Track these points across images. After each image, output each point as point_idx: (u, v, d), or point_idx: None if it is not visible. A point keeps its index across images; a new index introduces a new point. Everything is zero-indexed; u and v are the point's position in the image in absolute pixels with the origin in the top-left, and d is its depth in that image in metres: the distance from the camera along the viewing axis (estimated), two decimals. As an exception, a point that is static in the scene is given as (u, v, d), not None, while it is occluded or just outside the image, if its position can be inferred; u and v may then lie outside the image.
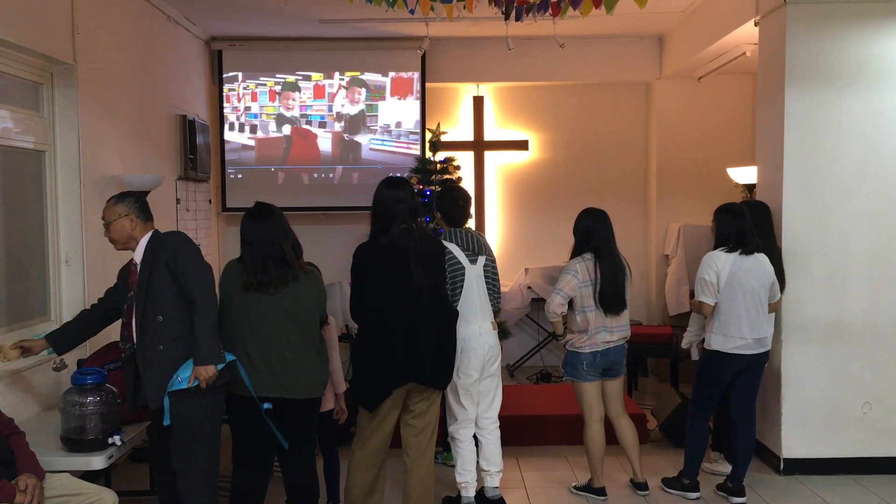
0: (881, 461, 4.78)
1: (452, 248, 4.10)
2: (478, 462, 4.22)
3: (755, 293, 4.24)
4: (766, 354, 4.37)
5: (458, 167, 7.04)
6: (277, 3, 5.84)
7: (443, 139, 7.07)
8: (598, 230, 4.30)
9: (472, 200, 4.65)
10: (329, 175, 7.44)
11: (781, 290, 4.62)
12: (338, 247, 6.53)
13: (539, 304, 6.96)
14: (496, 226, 7.89)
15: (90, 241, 4.50)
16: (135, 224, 3.42)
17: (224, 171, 7.37)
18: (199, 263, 3.36)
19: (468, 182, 7.43)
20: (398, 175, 5.65)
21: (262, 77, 7.35)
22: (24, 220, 4.24)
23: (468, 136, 7.71)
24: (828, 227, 4.76)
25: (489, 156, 7.76)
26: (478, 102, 7.71)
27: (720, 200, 4.67)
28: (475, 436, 4.21)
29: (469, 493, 4.15)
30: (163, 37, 6.03)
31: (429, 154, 7.06)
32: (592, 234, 4.30)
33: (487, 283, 4.20)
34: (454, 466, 4.20)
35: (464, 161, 7.38)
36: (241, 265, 3.52)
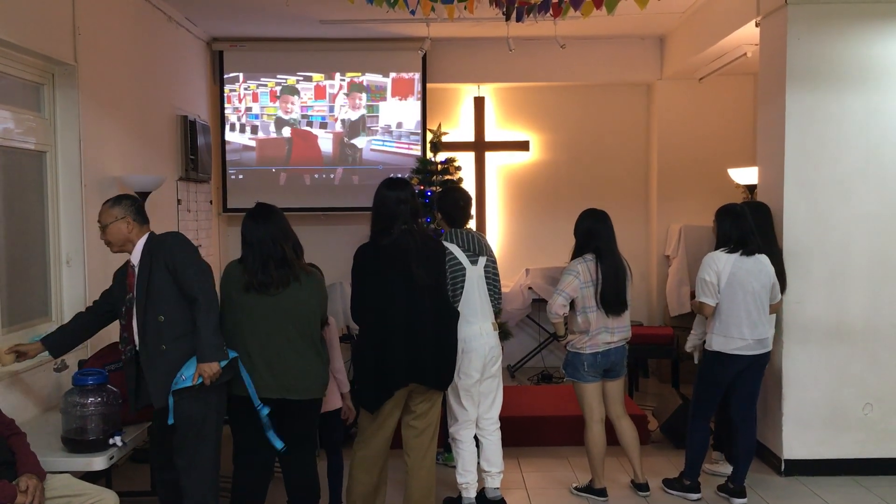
0: (882, 462, 4.77)
1: (453, 249, 4.10)
2: (479, 463, 4.22)
3: (756, 294, 4.24)
4: (767, 355, 4.37)
5: (459, 168, 7.04)
6: (278, 4, 5.84)
7: (444, 140, 7.07)
8: (599, 231, 4.30)
9: (473, 201, 4.65)
10: (330, 176, 7.44)
11: (782, 291, 4.62)
12: (338, 247, 6.52)
13: (540, 305, 6.97)
14: (497, 226, 7.89)
15: (91, 242, 4.49)
16: (131, 227, 3.43)
17: (225, 172, 7.37)
18: (198, 262, 3.38)
19: (469, 183, 7.43)
20: (399, 176, 5.65)
21: (263, 78, 7.35)
22: (25, 221, 4.24)
23: (469, 137, 7.71)
24: (829, 228, 4.76)
25: (490, 156, 7.76)
26: (479, 103, 7.71)
27: (721, 201, 4.67)
28: (476, 436, 4.21)
29: (470, 494, 4.15)
30: (164, 37, 6.03)
31: (430, 155, 7.06)
32: (593, 235, 4.30)
33: (488, 284, 4.19)
34: (455, 467, 4.20)
35: (465, 162, 7.38)
36: (242, 266, 3.53)
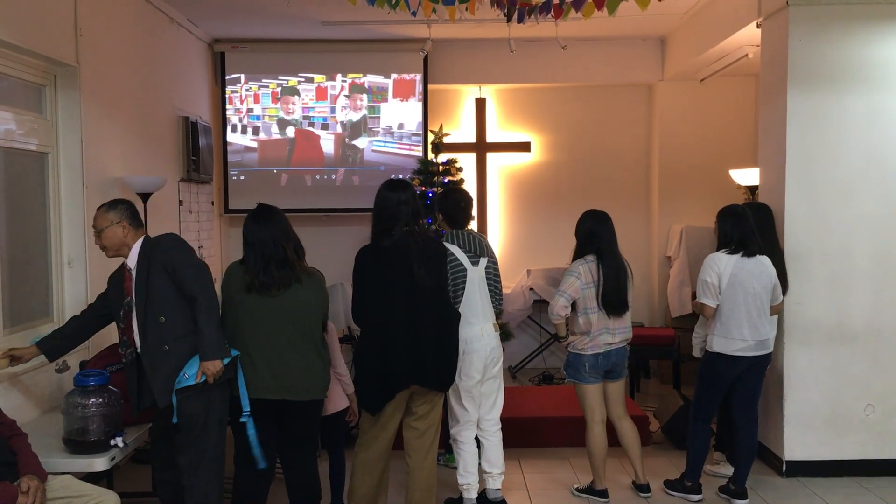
0: (884, 463, 4.77)
1: (454, 250, 4.09)
2: (480, 464, 4.22)
3: (757, 295, 4.24)
4: (768, 356, 4.36)
5: (461, 169, 7.05)
6: (280, 5, 5.84)
7: (445, 141, 7.08)
8: (600, 232, 4.30)
9: (474, 202, 4.65)
10: (331, 177, 7.45)
11: (784, 293, 4.62)
12: (340, 248, 6.54)
13: (541, 306, 6.97)
14: (498, 227, 7.89)
15: (92, 244, 4.44)
16: (127, 231, 3.46)
17: (226, 173, 7.38)
18: (196, 262, 3.42)
19: (470, 184, 7.43)
20: (400, 177, 5.66)
21: (265, 79, 7.36)
22: (27, 222, 4.25)
23: (470, 138, 7.71)
24: (830, 229, 4.76)
25: (491, 157, 7.76)
26: (480, 104, 7.72)
27: (722, 202, 4.67)
28: (477, 438, 4.21)
29: (471, 495, 4.15)
30: (165, 39, 6.04)
31: (431, 156, 7.07)
32: (594, 236, 4.30)
33: (489, 285, 4.19)
34: (456, 468, 4.20)
35: (466, 163, 7.40)
36: (244, 267, 3.53)
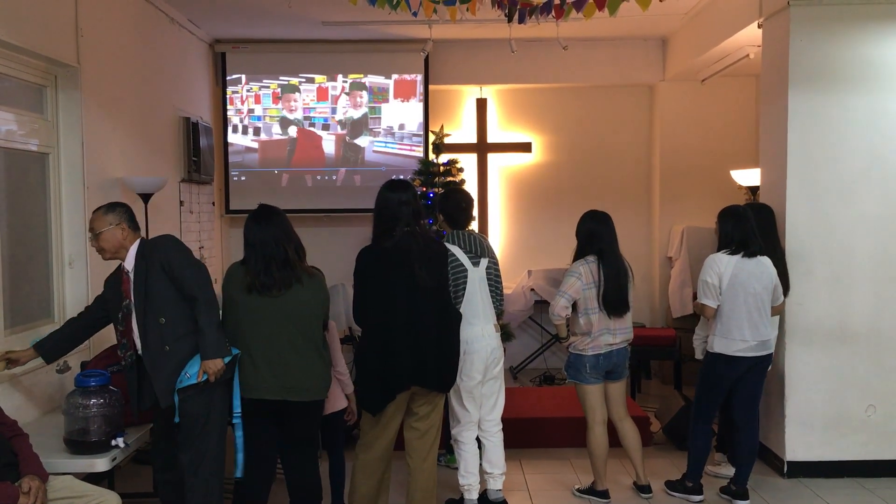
0: (885, 464, 4.76)
1: (455, 251, 4.09)
2: (481, 464, 4.22)
3: (757, 296, 4.23)
4: (769, 357, 4.36)
5: (462, 169, 7.05)
6: (280, 6, 5.85)
7: (446, 141, 7.08)
8: (601, 232, 4.30)
9: (475, 203, 4.65)
10: (332, 177, 7.45)
11: (786, 294, 4.62)
12: (341, 249, 6.54)
13: (542, 307, 6.96)
14: (499, 228, 7.89)
15: (93, 244, 4.50)
16: (126, 233, 3.47)
17: (227, 174, 7.38)
18: (194, 262, 3.44)
19: (471, 184, 7.42)
20: (401, 177, 5.65)
21: (266, 79, 7.36)
22: (28, 223, 4.25)
23: (471, 139, 7.71)
24: (831, 229, 4.75)
25: (492, 158, 7.76)
26: (481, 104, 7.72)
27: (723, 202, 4.67)
28: (478, 438, 4.21)
29: (472, 496, 4.14)
30: (166, 39, 6.04)
31: (432, 156, 7.06)
32: (595, 237, 4.30)
33: (490, 286, 4.19)
34: (457, 469, 4.19)
35: (467, 163, 7.40)
36: (245, 267, 3.53)
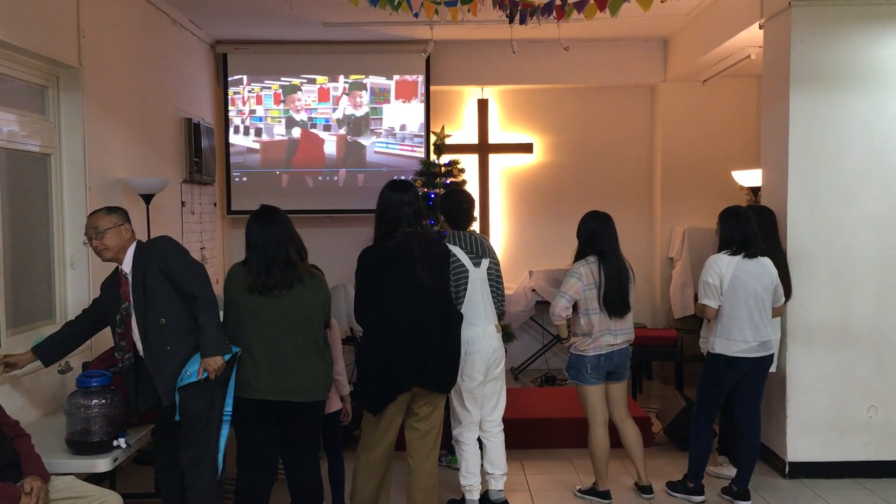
0: (887, 465, 4.76)
1: (456, 251, 4.09)
2: (482, 465, 4.22)
3: (758, 296, 4.23)
4: (770, 358, 4.36)
5: (463, 170, 7.05)
6: (282, 7, 5.85)
7: (447, 142, 7.08)
8: (602, 233, 4.30)
9: (477, 203, 4.65)
10: (334, 178, 7.45)
11: (788, 296, 4.62)
12: (342, 249, 6.53)
13: (543, 307, 6.96)
14: (501, 228, 7.89)
15: (95, 245, 4.51)
16: (129, 234, 3.50)
17: (229, 174, 7.38)
18: (192, 262, 3.47)
19: (473, 185, 7.42)
20: (402, 178, 5.66)
21: (267, 80, 7.37)
22: (30, 223, 4.25)
23: (472, 139, 7.71)
24: (833, 230, 4.75)
25: (494, 159, 7.76)
26: (482, 105, 7.72)
27: (725, 203, 4.66)
28: (479, 439, 4.21)
29: (473, 497, 4.15)
30: (168, 40, 6.05)
31: (433, 157, 7.07)
32: (596, 237, 4.30)
33: (491, 286, 4.19)
34: (458, 469, 4.20)
35: (468, 164, 7.40)
36: (246, 268, 3.53)
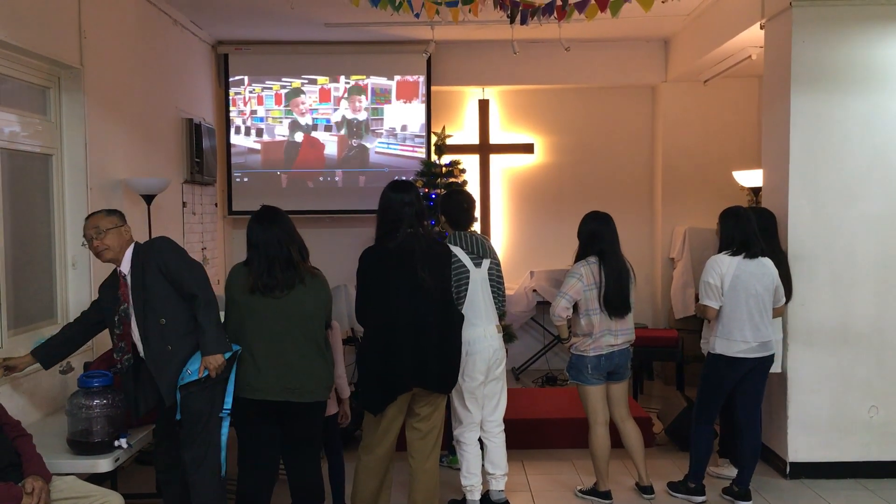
0: (888, 465, 4.76)
1: (457, 252, 4.09)
2: (483, 465, 4.22)
3: (759, 297, 4.23)
4: (771, 358, 4.36)
5: (464, 170, 7.05)
6: (283, 7, 5.86)
7: (448, 142, 7.08)
8: (603, 233, 4.30)
9: (477, 204, 4.65)
10: (335, 178, 7.45)
11: (789, 297, 4.62)
12: (343, 250, 6.53)
13: (544, 308, 6.97)
14: (502, 229, 7.89)
15: (96, 245, 4.51)
16: (128, 235, 3.52)
17: (230, 175, 7.38)
18: (190, 262, 3.49)
19: (474, 185, 7.43)
20: (404, 178, 5.66)
21: (269, 81, 7.37)
22: (31, 224, 4.26)
23: (474, 140, 7.71)
24: (834, 230, 4.75)
25: (495, 159, 7.76)
26: (483, 106, 7.72)
27: (726, 204, 4.66)
28: (480, 439, 4.21)
29: (474, 497, 4.15)
30: (169, 41, 6.05)
31: (434, 157, 7.07)
32: (596, 238, 4.30)
33: (492, 287, 4.20)
34: (459, 470, 4.20)
35: (469, 164, 7.40)
36: (247, 268, 3.53)
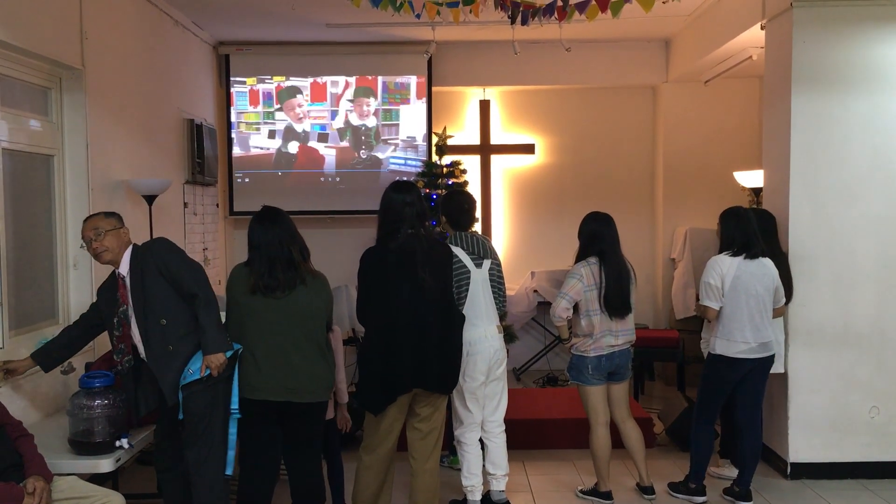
0: (889, 466, 4.76)
1: (458, 252, 4.09)
2: (484, 466, 4.22)
3: (759, 297, 4.23)
4: (771, 358, 4.36)
5: (465, 171, 7.05)
6: (284, 8, 5.86)
7: (449, 143, 7.08)
8: (603, 234, 4.30)
9: (478, 204, 4.65)
10: (336, 179, 7.45)
11: (790, 298, 4.62)
12: (344, 250, 6.53)
13: (545, 308, 6.96)
14: (503, 229, 7.89)
15: (98, 245, 4.51)
16: (126, 237, 3.52)
17: (231, 175, 7.39)
18: (190, 262, 3.50)
19: (475, 186, 7.43)
20: (405, 179, 5.66)
21: (270, 81, 7.36)
22: (33, 224, 4.26)
23: (474, 140, 7.71)
24: (834, 231, 4.75)
25: (496, 159, 7.76)
26: (484, 106, 7.72)
27: (727, 204, 4.66)
28: (481, 439, 4.22)
29: (475, 497, 4.15)
30: (171, 41, 6.06)
31: (435, 158, 7.07)
32: (597, 238, 4.30)
33: (493, 287, 4.20)
34: (460, 470, 4.20)
35: (470, 165, 7.40)
36: (248, 269, 3.54)
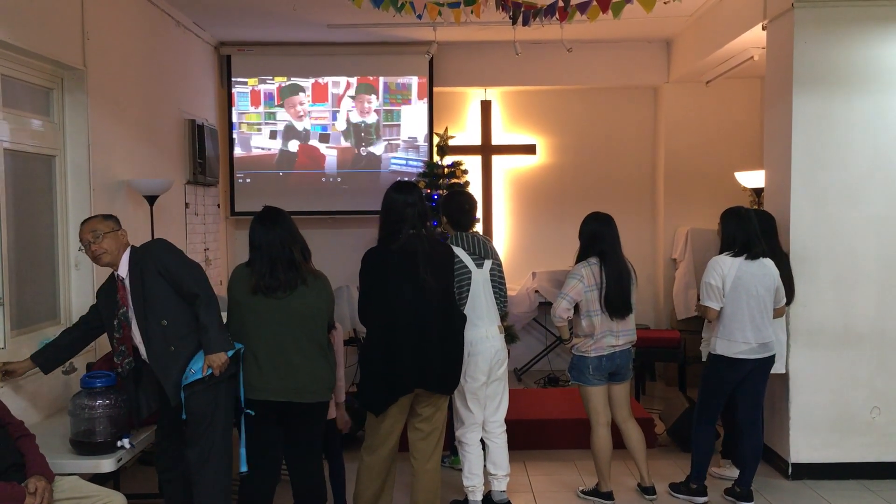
0: (890, 466, 4.75)
1: (459, 252, 4.10)
2: (485, 466, 4.22)
3: (760, 298, 4.23)
4: (772, 359, 4.36)
5: (466, 171, 7.06)
6: (286, 9, 5.87)
7: (450, 143, 7.08)
8: (604, 234, 4.30)
9: (479, 205, 4.65)
10: (337, 179, 7.46)
11: (791, 299, 4.62)
12: (346, 251, 6.55)
13: (546, 308, 6.96)
14: (504, 230, 7.89)
15: (99, 245, 4.52)
16: (124, 239, 3.52)
17: (233, 176, 7.39)
18: (189, 263, 3.50)
19: (476, 186, 7.44)
20: (407, 179, 5.66)
21: (271, 82, 7.36)
22: (34, 225, 4.27)
23: (476, 141, 7.71)
24: (836, 231, 4.75)
25: (497, 160, 7.76)
26: (485, 106, 7.72)
27: (728, 204, 4.65)
28: (482, 439, 4.22)
29: (476, 497, 4.15)
30: (172, 42, 6.07)
31: (436, 158, 7.07)
32: (597, 238, 4.30)
33: (494, 287, 4.20)
34: (461, 470, 4.20)
35: (471, 165, 7.40)
36: (250, 269, 3.54)
